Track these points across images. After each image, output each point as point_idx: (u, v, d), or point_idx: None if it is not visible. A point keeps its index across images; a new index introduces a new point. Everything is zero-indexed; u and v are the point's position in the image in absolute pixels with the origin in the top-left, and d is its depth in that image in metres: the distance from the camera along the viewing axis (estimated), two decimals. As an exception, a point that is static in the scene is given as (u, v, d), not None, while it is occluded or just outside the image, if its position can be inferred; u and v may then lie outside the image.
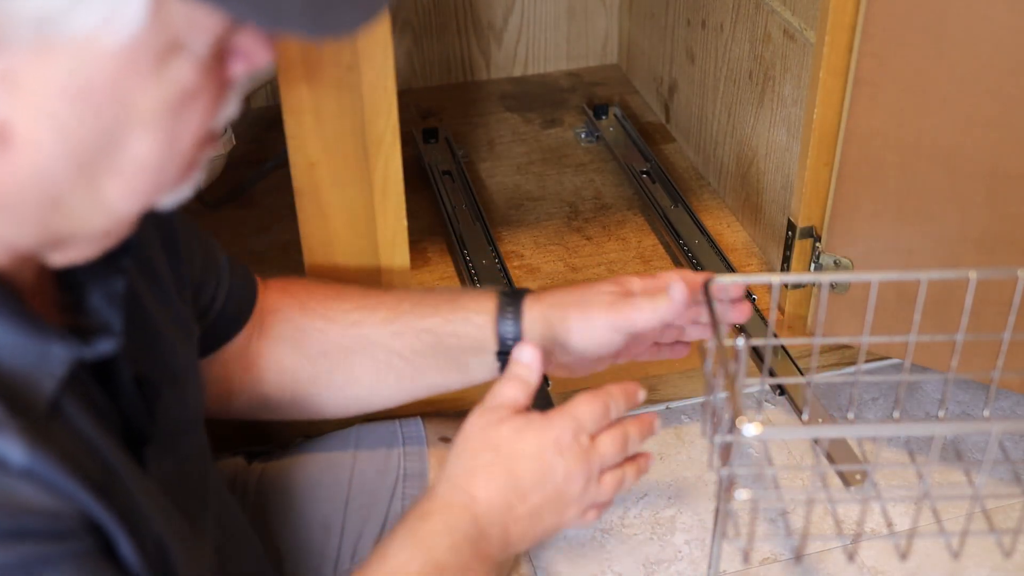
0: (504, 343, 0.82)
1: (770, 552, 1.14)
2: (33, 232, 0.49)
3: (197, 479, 0.68)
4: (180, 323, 0.70)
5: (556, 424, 0.69)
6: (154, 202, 0.51)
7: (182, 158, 0.49)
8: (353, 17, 0.46)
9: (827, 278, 0.71)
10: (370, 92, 0.94)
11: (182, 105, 0.47)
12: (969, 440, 1.29)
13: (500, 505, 0.67)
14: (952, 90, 1.06)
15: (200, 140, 0.50)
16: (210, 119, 0.49)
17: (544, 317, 0.82)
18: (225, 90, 0.50)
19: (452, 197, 1.50)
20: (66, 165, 0.46)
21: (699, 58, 1.57)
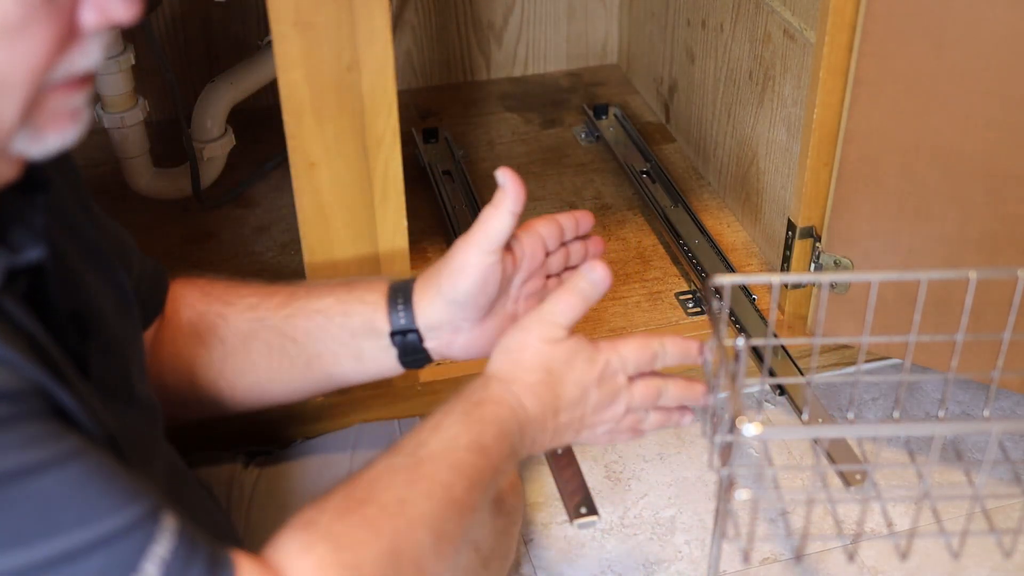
0: (396, 322, 0.81)
1: (770, 552, 1.14)
2: None
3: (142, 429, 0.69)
4: (117, 289, 0.70)
5: (602, 358, 0.75)
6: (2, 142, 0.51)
7: (14, 96, 0.49)
8: None
9: (827, 278, 0.71)
10: (370, 92, 0.94)
11: (5, 37, 0.47)
12: (969, 440, 1.29)
13: (539, 418, 0.74)
14: (952, 90, 1.06)
15: (36, 82, 0.49)
16: (47, 59, 0.49)
17: (426, 284, 0.81)
18: (75, 36, 0.50)
19: (452, 197, 1.50)
20: None
21: (699, 58, 1.57)
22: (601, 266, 0.77)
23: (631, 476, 1.25)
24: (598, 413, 0.77)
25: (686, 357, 0.78)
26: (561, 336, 0.75)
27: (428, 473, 0.66)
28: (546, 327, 0.75)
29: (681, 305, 1.35)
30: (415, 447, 0.68)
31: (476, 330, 0.82)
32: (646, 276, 1.41)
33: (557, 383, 0.74)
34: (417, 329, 0.81)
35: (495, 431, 0.71)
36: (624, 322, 1.32)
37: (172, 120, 1.49)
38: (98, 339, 0.64)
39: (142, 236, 1.46)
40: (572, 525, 1.16)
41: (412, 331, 0.81)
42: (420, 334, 0.81)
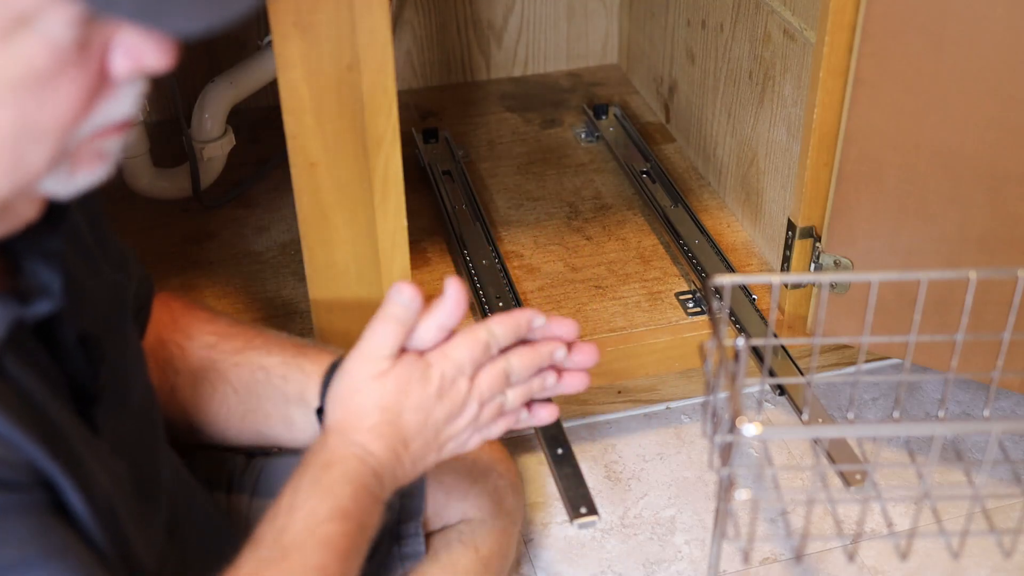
0: (324, 399, 0.78)
1: (770, 552, 1.14)
2: None
3: (149, 436, 0.70)
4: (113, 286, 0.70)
5: (435, 372, 0.72)
6: (28, 186, 0.50)
7: (45, 144, 0.48)
8: (201, 17, 0.45)
9: (827, 278, 0.71)
10: (370, 92, 0.94)
11: (35, 86, 0.46)
12: (969, 440, 1.29)
13: (391, 457, 0.71)
14: (952, 90, 1.06)
15: (68, 130, 0.49)
16: (80, 109, 0.48)
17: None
18: (106, 85, 0.49)
19: (452, 197, 1.50)
20: None
21: (699, 58, 1.57)
22: (407, 286, 0.71)
23: (631, 476, 1.25)
24: (451, 424, 0.73)
25: (518, 331, 0.74)
26: (387, 367, 0.71)
27: (298, 562, 0.64)
28: (370, 363, 0.72)
29: (681, 305, 1.35)
30: (277, 535, 0.66)
31: None
32: (646, 276, 1.41)
33: (397, 416, 0.71)
34: None
35: (351, 491, 0.68)
36: (624, 322, 1.32)
37: (172, 120, 1.49)
38: (106, 358, 0.64)
39: (142, 236, 1.47)
40: (572, 525, 1.16)
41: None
42: None
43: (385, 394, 0.71)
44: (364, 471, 0.70)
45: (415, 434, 0.72)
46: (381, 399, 0.71)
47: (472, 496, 0.96)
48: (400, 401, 0.71)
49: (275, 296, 1.37)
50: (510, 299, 1.31)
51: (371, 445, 0.70)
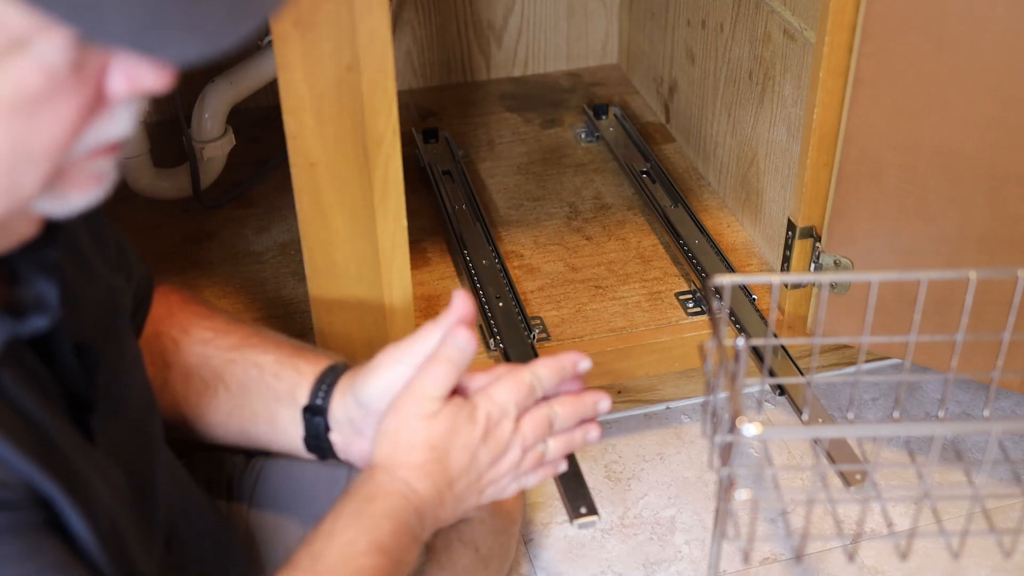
0: (313, 399, 0.79)
1: (770, 552, 1.14)
2: None
3: (146, 443, 0.69)
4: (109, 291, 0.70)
5: (481, 413, 0.73)
6: (22, 207, 0.50)
7: (38, 166, 0.48)
8: (196, 45, 0.44)
9: (827, 278, 0.71)
10: (370, 92, 0.94)
11: (29, 108, 0.46)
12: (969, 440, 1.29)
13: (434, 496, 0.72)
14: (952, 90, 1.06)
15: (62, 152, 0.48)
16: (73, 130, 0.48)
17: (352, 377, 0.78)
18: (101, 105, 0.48)
19: (452, 197, 1.50)
20: None
21: (699, 58, 1.57)
22: (464, 330, 0.72)
23: (631, 476, 1.25)
24: (494, 468, 0.74)
25: (563, 374, 0.75)
26: (436, 408, 0.72)
27: None
28: (421, 403, 0.72)
29: (681, 305, 1.35)
30: (312, 561, 0.66)
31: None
32: (646, 276, 1.41)
33: (444, 456, 0.72)
34: (327, 416, 0.79)
35: (391, 526, 0.69)
36: (624, 322, 1.32)
37: (172, 120, 1.49)
38: (102, 366, 0.63)
39: (142, 236, 1.47)
40: (572, 525, 1.16)
41: (322, 415, 0.79)
42: (327, 422, 0.79)
43: (433, 434, 0.72)
44: (407, 508, 0.70)
45: (460, 475, 0.73)
46: (429, 438, 0.72)
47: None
48: (448, 441, 0.72)
49: (275, 296, 1.37)
50: (510, 299, 1.31)
51: (417, 483, 0.71)
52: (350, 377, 0.79)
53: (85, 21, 0.42)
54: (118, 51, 0.47)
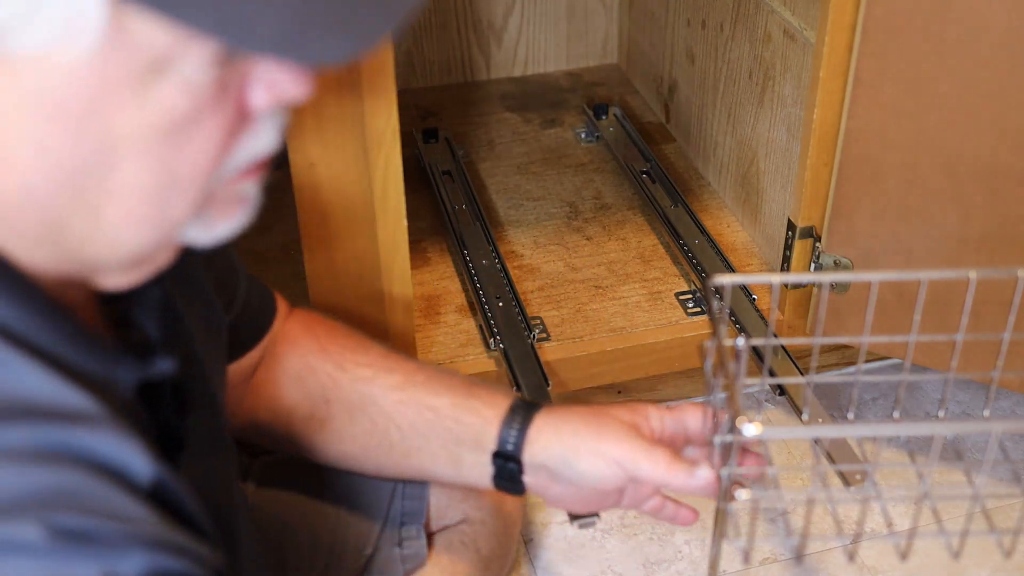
0: (503, 445, 0.78)
1: (770, 552, 1.14)
2: (51, 255, 0.47)
3: (227, 475, 0.68)
4: (212, 324, 0.69)
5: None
6: (171, 236, 0.49)
7: (188, 191, 0.47)
8: (343, 45, 0.43)
9: (827, 278, 0.71)
10: (370, 92, 0.94)
11: (176, 132, 0.44)
12: (969, 440, 1.29)
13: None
14: (952, 90, 1.06)
15: (210, 174, 0.47)
16: (221, 150, 0.46)
17: (553, 430, 0.77)
18: (245, 121, 0.47)
19: (452, 197, 1.50)
20: (54, 185, 0.44)
21: (699, 58, 1.57)
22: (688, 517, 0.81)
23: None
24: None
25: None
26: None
27: None
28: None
29: (681, 305, 1.35)
30: None
31: (574, 490, 0.78)
32: (646, 276, 1.41)
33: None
34: (520, 460, 0.77)
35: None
36: (624, 322, 1.32)
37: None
38: (195, 400, 0.62)
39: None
40: (572, 525, 1.16)
41: (515, 460, 0.77)
42: (522, 465, 0.77)
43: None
44: None
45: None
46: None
47: (472, 497, 0.96)
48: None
49: (275, 296, 1.37)
50: (510, 299, 1.31)
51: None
52: (554, 426, 0.77)
53: (231, 31, 0.41)
54: (262, 59, 0.45)
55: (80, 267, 0.49)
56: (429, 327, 1.31)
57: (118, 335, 0.55)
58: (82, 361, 0.48)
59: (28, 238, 0.47)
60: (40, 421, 0.45)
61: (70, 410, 0.46)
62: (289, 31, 0.42)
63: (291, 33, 0.42)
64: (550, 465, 0.76)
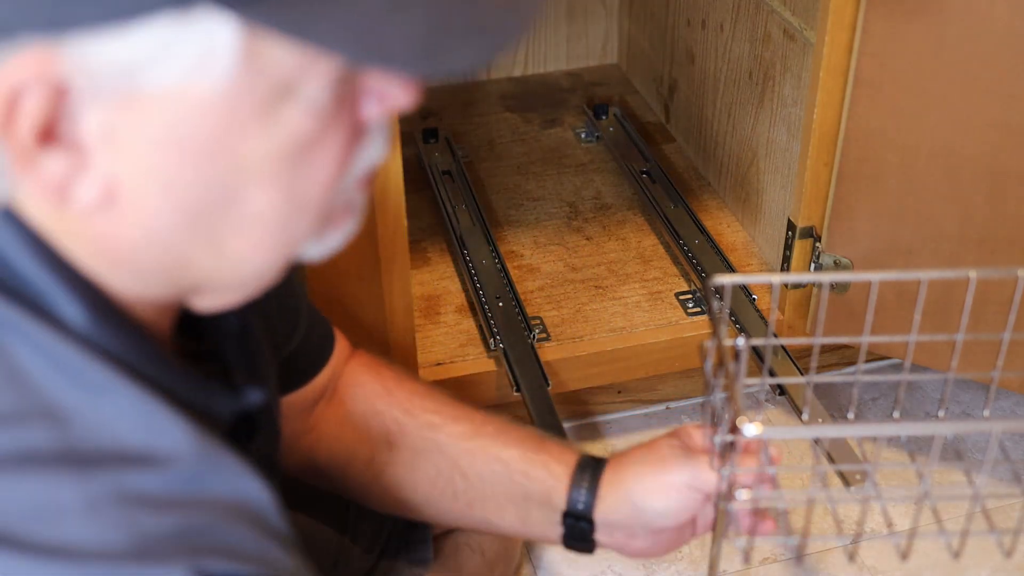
0: (574, 505, 0.76)
1: (770, 552, 1.14)
2: (163, 286, 0.47)
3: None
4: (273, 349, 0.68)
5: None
6: (291, 256, 0.49)
7: (312, 212, 0.46)
8: (473, 55, 0.42)
9: (827, 278, 0.71)
10: (370, 92, 0.94)
11: (301, 155, 0.44)
12: (969, 440, 1.29)
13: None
14: (952, 90, 1.06)
15: (332, 192, 0.46)
16: (341, 166, 0.46)
17: (620, 480, 0.75)
18: (359, 134, 0.46)
19: (452, 197, 1.50)
20: (177, 221, 0.44)
21: (699, 58, 1.57)
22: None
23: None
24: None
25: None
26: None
27: None
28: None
29: (681, 305, 1.35)
30: None
31: (653, 537, 0.76)
32: (646, 276, 1.41)
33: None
34: (592, 520, 0.76)
35: None
36: (624, 322, 1.32)
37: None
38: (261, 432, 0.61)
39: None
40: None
41: (586, 519, 0.76)
42: (593, 524, 0.76)
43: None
44: None
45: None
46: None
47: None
48: None
49: (275, 296, 1.37)
50: (510, 299, 1.31)
51: None
52: (622, 479, 0.75)
53: (364, 49, 0.40)
54: (385, 73, 0.44)
55: (183, 291, 0.49)
56: (429, 327, 1.31)
57: (199, 366, 0.54)
58: (187, 394, 0.48)
59: (146, 276, 0.47)
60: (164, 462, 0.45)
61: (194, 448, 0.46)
62: (421, 45, 0.41)
63: (423, 47, 0.41)
64: (625, 522, 0.75)
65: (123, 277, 0.46)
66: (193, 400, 0.49)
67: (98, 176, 0.42)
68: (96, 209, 0.43)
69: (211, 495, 0.46)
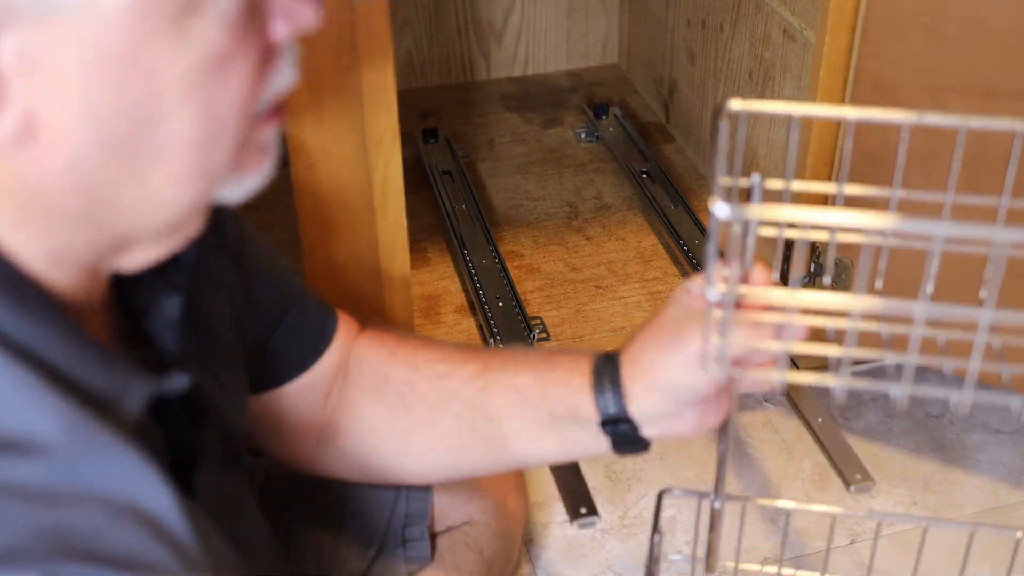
0: (606, 411, 0.71)
1: (770, 552, 1.14)
2: (88, 235, 0.46)
3: (241, 500, 0.66)
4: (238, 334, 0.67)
5: None
6: (211, 190, 0.48)
7: (230, 134, 0.46)
8: None
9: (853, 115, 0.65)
10: (370, 92, 0.94)
11: (216, 70, 0.44)
12: (970, 440, 1.29)
13: None
14: (952, 90, 1.06)
15: (248, 114, 0.46)
16: (255, 86, 0.46)
17: (640, 371, 0.70)
18: (271, 56, 0.47)
19: (452, 197, 1.50)
20: (101, 151, 0.43)
21: (699, 58, 1.57)
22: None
23: (631, 476, 1.25)
24: None
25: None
26: None
27: None
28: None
29: (681, 305, 1.35)
30: None
31: (700, 407, 0.70)
32: (646, 276, 1.41)
33: None
34: (631, 420, 0.71)
35: None
36: (624, 322, 1.32)
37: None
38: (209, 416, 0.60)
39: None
40: (572, 525, 1.16)
41: (625, 420, 0.71)
42: (633, 422, 0.71)
43: None
44: None
45: None
46: None
47: (476, 499, 0.96)
48: None
49: (275, 296, 1.37)
50: (510, 299, 1.31)
51: None
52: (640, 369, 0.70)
53: None
54: None
55: (109, 243, 0.47)
56: (429, 327, 1.31)
57: (133, 350, 0.54)
58: (88, 376, 0.46)
59: (69, 220, 0.45)
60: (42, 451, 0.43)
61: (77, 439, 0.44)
62: None
63: None
64: (663, 408, 0.70)
65: (38, 234, 0.45)
66: (97, 386, 0.46)
67: (16, 108, 0.41)
68: (15, 146, 0.42)
69: (93, 491, 0.43)
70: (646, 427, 0.71)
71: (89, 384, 0.46)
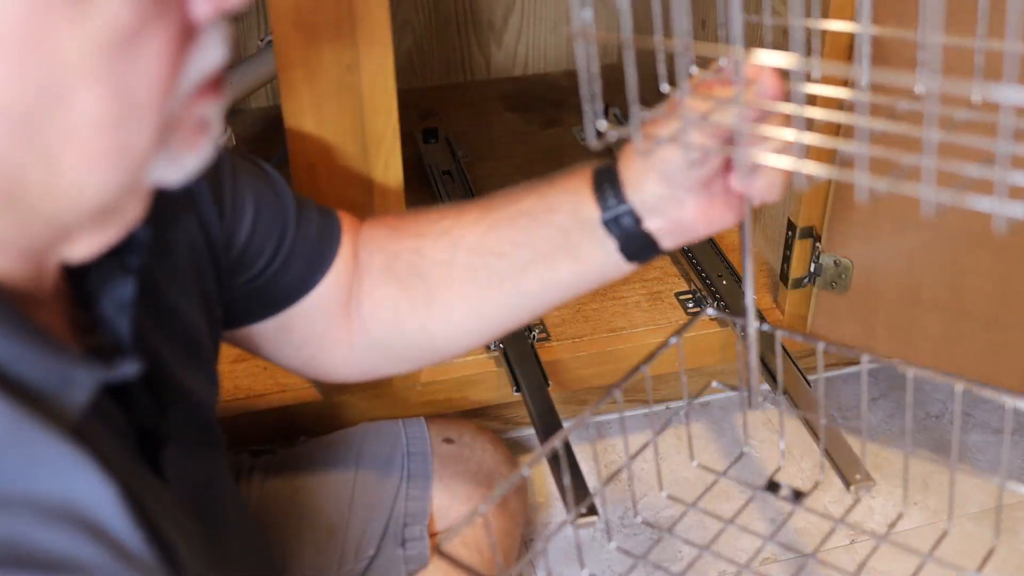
0: (605, 205, 0.70)
1: (770, 552, 1.14)
2: (16, 221, 0.44)
3: (214, 478, 0.66)
4: (203, 307, 0.67)
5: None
6: (137, 172, 0.46)
7: (148, 114, 0.44)
8: None
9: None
10: (370, 92, 0.94)
11: (123, 48, 0.41)
12: (971, 440, 1.29)
13: None
14: (952, 90, 1.06)
15: (168, 93, 0.44)
16: (172, 67, 0.44)
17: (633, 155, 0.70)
18: (191, 33, 0.44)
19: (452, 197, 1.50)
20: (10, 133, 0.41)
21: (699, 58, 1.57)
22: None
23: (631, 476, 1.25)
24: None
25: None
26: None
27: None
28: None
29: (681, 305, 1.35)
30: None
31: (705, 196, 0.68)
32: (646, 276, 1.41)
33: None
34: (632, 210, 0.69)
35: None
36: (624, 322, 1.32)
37: (172, 120, 1.49)
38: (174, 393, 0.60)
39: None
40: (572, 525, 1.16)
41: (626, 213, 0.69)
42: (636, 215, 0.69)
43: None
44: None
45: None
46: None
47: (476, 499, 0.97)
48: None
49: (275, 296, 1.37)
50: (510, 299, 1.31)
51: None
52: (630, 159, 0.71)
53: None
54: None
55: (45, 231, 0.46)
56: (429, 327, 1.31)
57: (86, 338, 0.53)
58: (29, 369, 0.45)
59: None
60: None
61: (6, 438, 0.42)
62: None
63: None
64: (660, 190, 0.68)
65: None
66: (38, 379, 0.45)
67: None
68: None
69: (24, 494, 0.42)
70: (649, 218, 0.69)
71: (29, 378, 0.44)
